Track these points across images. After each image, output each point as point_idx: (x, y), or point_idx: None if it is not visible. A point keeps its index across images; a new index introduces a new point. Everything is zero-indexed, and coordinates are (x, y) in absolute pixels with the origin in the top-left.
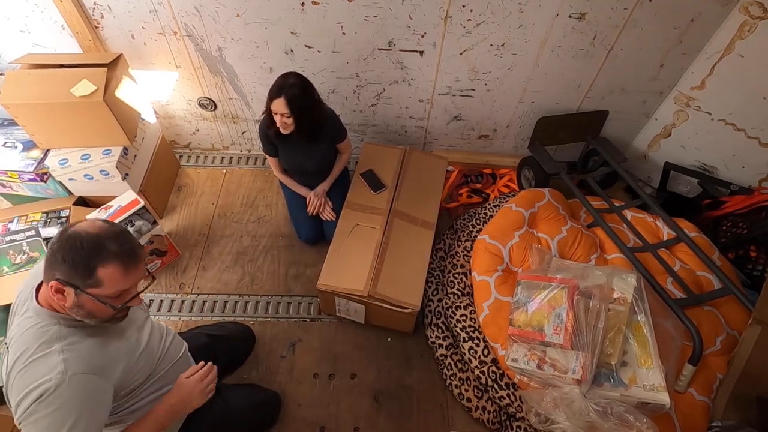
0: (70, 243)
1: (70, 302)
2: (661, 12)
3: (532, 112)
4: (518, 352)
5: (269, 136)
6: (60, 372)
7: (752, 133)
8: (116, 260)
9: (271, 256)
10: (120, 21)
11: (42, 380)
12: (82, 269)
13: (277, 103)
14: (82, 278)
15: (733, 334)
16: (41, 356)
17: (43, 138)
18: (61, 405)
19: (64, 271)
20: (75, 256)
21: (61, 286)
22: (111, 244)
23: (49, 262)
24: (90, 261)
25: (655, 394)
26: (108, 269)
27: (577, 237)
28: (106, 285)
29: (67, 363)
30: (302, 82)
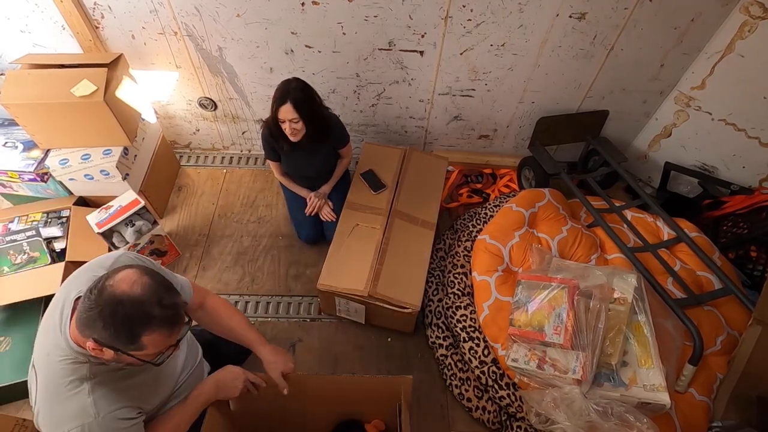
0: (111, 309)
1: (109, 357)
2: (662, 12)
3: (533, 112)
4: (518, 352)
5: (272, 142)
6: (92, 415)
7: (753, 133)
8: (161, 327)
9: (272, 256)
10: (120, 21)
11: (73, 424)
12: (125, 337)
13: (284, 110)
14: (124, 344)
15: (733, 334)
16: (72, 395)
17: (44, 138)
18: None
19: (105, 337)
20: (117, 325)
21: (100, 346)
22: (155, 309)
23: (85, 322)
24: (134, 329)
25: (656, 394)
26: (153, 336)
27: (578, 237)
28: (150, 348)
29: (98, 405)
30: (305, 85)
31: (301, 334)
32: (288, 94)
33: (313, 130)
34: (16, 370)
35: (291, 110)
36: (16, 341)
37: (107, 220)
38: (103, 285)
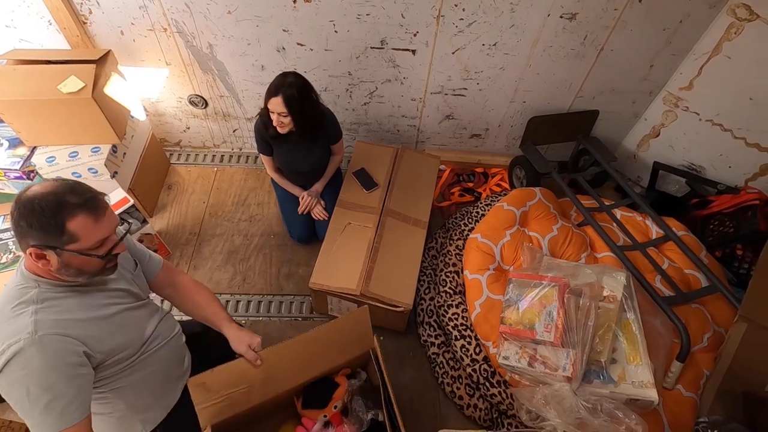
0: (29, 208)
1: (56, 264)
2: (651, 13)
3: (524, 112)
4: (509, 350)
5: (265, 135)
6: (29, 333)
7: (738, 134)
8: (81, 210)
9: (263, 255)
10: (109, 17)
11: (11, 340)
12: (52, 229)
13: (274, 102)
14: (55, 237)
15: (719, 331)
16: (13, 316)
17: (30, 135)
18: (33, 368)
19: (36, 236)
20: (39, 219)
21: (40, 251)
22: (70, 197)
23: (17, 232)
24: (56, 218)
25: (644, 391)
26: (77, 221)
27: (568, 236)
28: (82, 237)
29: (38, 324)
30: (301, 82)
31: (293, 334)
32: (281, 88)
33: (303, 127)
34: None
35: (280, 104)
36: None
37: None
38: (18, 197)
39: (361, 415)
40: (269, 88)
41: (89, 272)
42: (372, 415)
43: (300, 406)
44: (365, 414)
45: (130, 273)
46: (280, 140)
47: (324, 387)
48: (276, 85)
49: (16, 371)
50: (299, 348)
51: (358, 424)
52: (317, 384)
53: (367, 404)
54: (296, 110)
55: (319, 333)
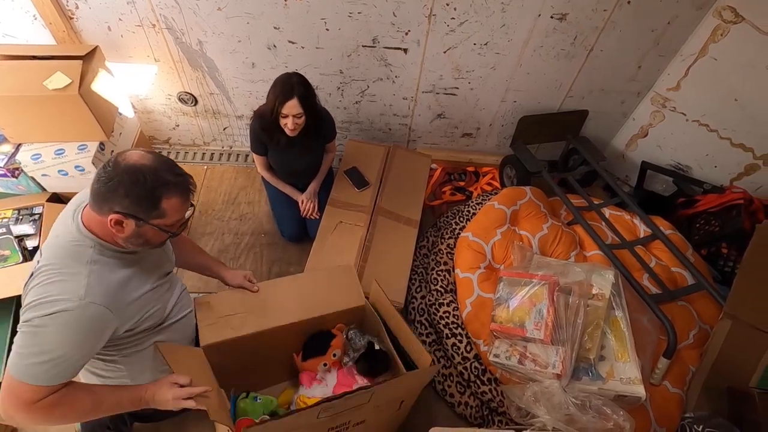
0: (131, 177)
1: (129, 232)
2: (639, 14)
3: (515, 111)
4: (500, 348)
5: (262, 136)
6: (80, 297)
7: (724, 134)
8: (177, 190)
9: (254, 253)
10: (96, 12)
11: (61, 297)
12: (146, 202)
13: (290, 105)
14: (146, 210)
15: (705, 328)
16: (69, 274)
17: (15, 132)
18: (70, 327)
19: (127, 205)
20: (139, 190)
21: (123, 218)
22: (170, 175)
23: (106, 194)
24: (154, 193)
25: (632, 387)
26: (171, 200)
27: (558, 234)
28: (169, 215)
29: (89, 289)
30: (305, 80)
31: None
32: (294, 89)
33: (311, 125)
34: None
35: (297, 105)
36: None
37: None
38: (116, 160)
39: (358, 341)
40: (278, 92)
41: (153, 244)
42: (368, 339)
43: (300, 360)
44: (361, 339)
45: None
46: (278, 141)
47: (322, 338)
48: (286, 87)
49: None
50: (292, 286)
51: (354, 351)
52: (315, 337)
53: (363, 333)
54: (309, 108)
55: (309, 276)
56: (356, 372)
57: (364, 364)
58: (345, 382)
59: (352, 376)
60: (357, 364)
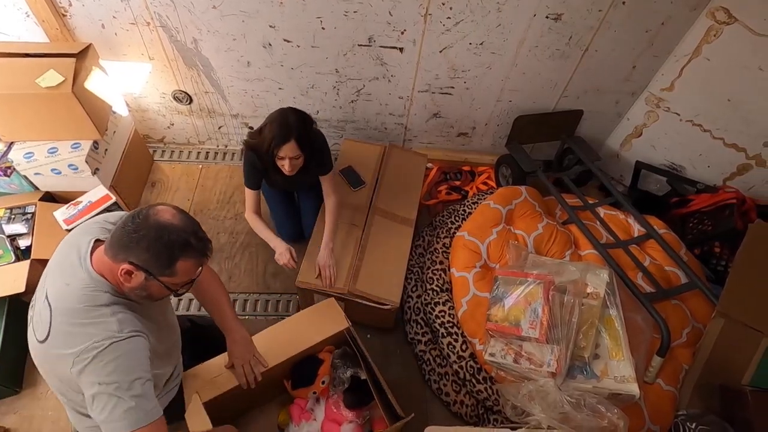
0: (157, 233)
1: (136, 284)
2: (634, 14)
3: (510, 111)
4: (495, 347)
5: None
6: (117, 331)
7: (717, 134)
8: (196, 256)
9: (249, 253)
10: (89, 9)
11: (101, 339)
12: (164, 260)
13: (286, 148)
14: (159, 267)
15: (698, 326)
16: (95, 317)
17: (7, 130)
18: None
19: (144, 259)
20: (160, 247)
21: (134, 269)
22: (193, 238)
23: (127, 245)
24: (173, 253)
25: (626, 385)
26: (187, 263)
27: (553, 234)
28: (180, 276)
29: (122, 324)
30: (303, 116)
31: None
32: (291, 131)
33: (310, 160)
34: None
35: (294, 148)
36: None
37: (76, 216)
38: (147, 213)
39: (341, 375)
40: (273, 134)
41: (154, 299)
42: (352, 372)
43: (290, 387)
44: (345, 372)
45: None
46: (273, 179)
47: (309, 365)
48: (283, 128)
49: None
50: (276, 333)
51: (340, 384)
52: (303, 363)
53: (347, 364)
54: (308, 148)
55: (294, 319)
56: (342, 405)
57: (351, 397)
58: (333, 417)
59: (339, 410)
60: (344, 395)
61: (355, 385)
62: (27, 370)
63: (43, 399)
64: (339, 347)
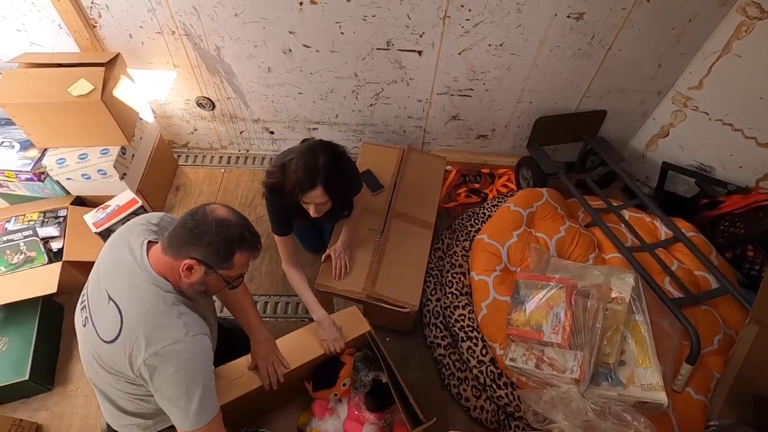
0: (218, 229)
1: (196, 278)
2: (659, 12)
3: (531, 112)
4: (516, 352)
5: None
6: (185, 333)
7: (749, 133)
8: (250, 249)
9: (269, 255)
10: (118, 20)
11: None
12: (223, 254)
13: (313, 195)
14: (219, 261)
15: (730, 333)
16: (167, 315)
17: (41, 137)
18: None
19: (205, 254)
20: (221, 242)
21: (196, 264)
22: (248, 233)
23: (189, 241)
24: (232, 247)
25: (653, 394)
26: (243, 256)
27: (575, 237)
28: (236, 268)
29: (188, 326)
30: (332, 154)
31: None
32: (317, 174)
33: (338, 204)
34: (14, 371)
35: (322, 194)
36: (13, 341)
37: (104, 219)
38: (204, 211)
39: (363, 378)
40: (300, 177)
41: (210, 293)
42: (373, 376)
43: (311, 389)
44: (366, 376)
45: None
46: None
47: (331, 367)
48: (308, 171)
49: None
50: (299, 337)
51: (361, 387)
52: (325, 365)
53: (368, 367)
54: (339, 193)
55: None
56: (364, 407)
57: (372, 401)
58: (355, 417)
59: (360, 411)
60: (365, 398)
61: (377, 388)
62: (58, 368)
63: (73, 396)
64: (360, 350)
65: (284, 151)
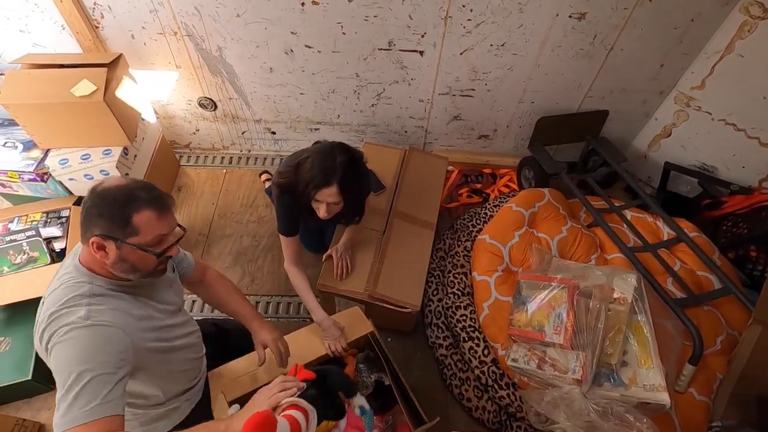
0: (102, 198)
1: (113, 256)
2: (662, 12)
3: (532, 112)
4: (518, 352)
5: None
6: (80, 317)
7: (752, 133)
8: (148, 206)
9: (272, 255)
10: (120, 21)
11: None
12: (118, 220)
13: (326, 193)
14: (119, 228)
15: (733, 334)
16: (68, 309)
17: (43, 138)
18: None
19: (102, 225)
20: (110, 209)
21: (102, 240)
22: (141, 192)
23: (86, 220)
24: (124, 210)
25: (656, 394)
26: (142, 216)
27: (577, 237)
28: (143, 231)
29: (90, 313)
30: (351, 156)
31: None
32: (334, 173)
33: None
34: (16, 370)
35: (336, 194)
36: (15, 341)
37: None
38: (93, 188)
39: (366, 379)
40: (315, 174)
41: (142, 270)
42: (376, 377)
43: None
44: (369, 377)
45: (170, 279)
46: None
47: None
48: (325, 170)
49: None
50: (301, 337)
51: (364, 389)
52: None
53: (371, 369)
54: (352, 196)
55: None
56: None
57: (374, 402)
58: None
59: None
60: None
61: (379, 390)
62: None
63: None
64: (362, 350)
65: (297, 151)
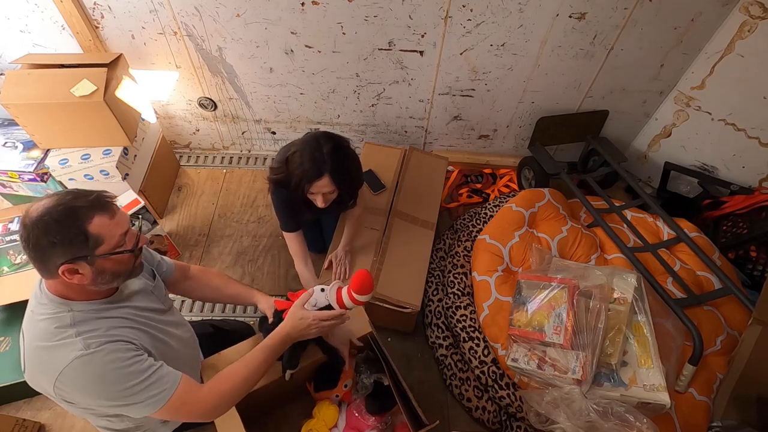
0: (43, 227)
1: (90, 274)
2: (662, 12)
3: (533, 112)
4: (518, 352)
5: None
6: (83, 349)
7: (752, 133)
8: (95, 212)
9: (272, 256)
10: (120, 21)
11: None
12: (76, 239)
13: (320, 184)
14: (82, 245)
15: (733, 334)
16: (59, 342)
17: (44, 138)
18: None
19: (63, 251)
20: (60, 233)
21: (72, 265)
22: (78, 202)
23: (39, 254)
24: (76, 226)
25: (656, 394)
26: (95, 223)
27: (577, 237)
28: (106, 237)
29: (87, 341)
30: (337, 143)
31: None
32: (324, 164)
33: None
34: (16, 370)
35: (329, 184)
36: (15, 341)
37: None
38: (22, 222)
39: (365, 380)
40: (306, 168)
41: (123, 273)
42: (375, 378)
43: (312, 390)
44: (368, 378)
45: (151, 285)
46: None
47: (332, 368)
48: (315, 162)
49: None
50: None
51: (363, 389)
52: (325, 366)
53: (370, 369)
54: (346, 182)
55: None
56: (365, 411)
57: (373, 404)
58: (355, 424)
59: (361, 416)
60: (366, 401)
61: (378, 390)
62: None
63: None
64: (362, 351)
65: (285, 145)
